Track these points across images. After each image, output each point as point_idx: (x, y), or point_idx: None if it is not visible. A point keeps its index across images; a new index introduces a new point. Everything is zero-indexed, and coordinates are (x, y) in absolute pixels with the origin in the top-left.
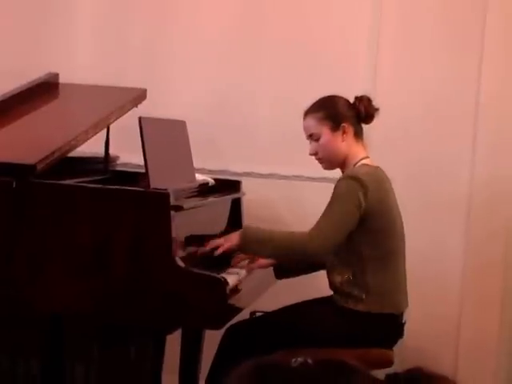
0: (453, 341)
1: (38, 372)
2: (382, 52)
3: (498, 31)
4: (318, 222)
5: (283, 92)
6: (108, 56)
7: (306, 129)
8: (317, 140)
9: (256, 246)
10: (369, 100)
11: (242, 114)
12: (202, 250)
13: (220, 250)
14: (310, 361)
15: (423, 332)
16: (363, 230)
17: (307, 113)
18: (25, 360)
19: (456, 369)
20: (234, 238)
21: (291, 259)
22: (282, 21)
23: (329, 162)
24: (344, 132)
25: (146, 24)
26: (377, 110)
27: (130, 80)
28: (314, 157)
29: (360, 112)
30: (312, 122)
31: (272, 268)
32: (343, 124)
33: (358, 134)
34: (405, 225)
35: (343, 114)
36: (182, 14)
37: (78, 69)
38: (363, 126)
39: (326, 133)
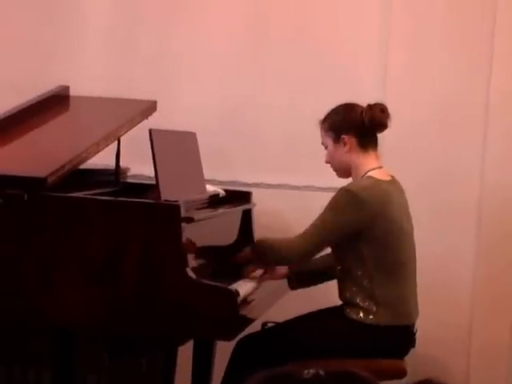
0: (464, 348)
1: (48, 382)
2: (391, 56)
3: (509, 32)
4: (306, 230)
5: (293, 101)
6: (118, 68)
7: (321, 137)
8: (326, 149)
9: (262, 256)
10: (382, 109)
11: (251, 125)
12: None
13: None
14: (322, 372)
15: (434, 340)
16: (368, 243)
17: (321, 122)
18: (36, 370)
19: (468, 376)
20: (247, 253)
21: (277, 264)
22: (290, 29)
23: (337, 170)
24: (344, 144)
25: (155, 36)
26: (389, 118)
27: (140, 92)
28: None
29: (364, 122)
30: (322, 131)
31: (286, 279)
32: (342, 136)
33: (367, 144)
34: (416, 232)
35: (345, 126)
36: (191, 25)
37: (88, 81)
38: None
39: (330, 144)
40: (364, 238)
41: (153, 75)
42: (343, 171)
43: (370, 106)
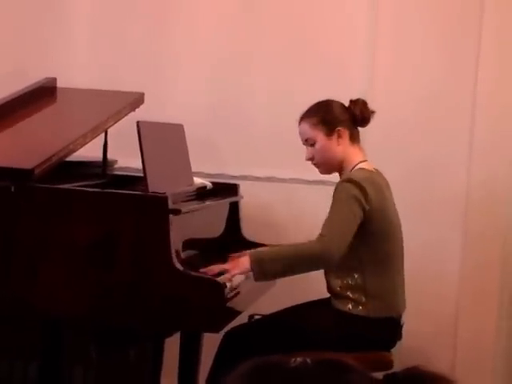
0: (450, 340)
1: (36, 375)
2: (378, 53)
3: (495, 28)
4: (326, 227)
5: (281, 95)
6: (105, 60)
7: (301, 134)
8: (312, 145)
9: (270, 266)
10: (364, 103)
11: (239, 117)
12: (209, 271)
13: (229, 276)
14: (309, 360)
15: (421, 332)
16: (362, 233)
17: (302, 118)
18: (23, 363)
19: (454, 367)
20: (243, 264)
21: (309, 270)
22: (279, 23)
23: (325, 166)
24: (339, 136)
25: (142, 28)
26: (373, 112)
27: (128, 84)
28: (310, 162)
29: (355, 115)
30: (307, 127)
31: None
32: (338, 128)
33: (354, 138)
34: (402, 225)
35: (338, 118)
36: (179, 17)
37: (75, 73)
38: (359, 129)
39: (320, 138)
40: (360, 228)
41: (140, 67)
42: (330, 166)
43: (354, 101)
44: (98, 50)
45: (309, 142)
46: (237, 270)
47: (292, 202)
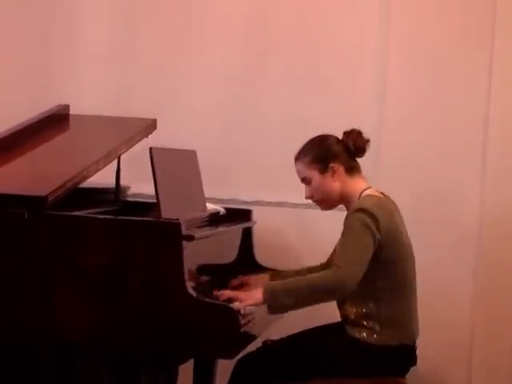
0: (465, 364)
1: None
2: (390, 71)
3: (508, 45)
4: (340, 257)
5: (293, 119)
6: (117, 86)
7: (298, 173)
8: (309, 183)
9: (283, 299)
10: (358, 133)
11: (251, 143)
12: (221, 296)
13: (241, 306)
14: None
15: (435, 357)
16: (376, 261)
17: (296, 158)
18: None
19: None
20: (257, 296)
21: (323, 301)
22: (290, 45)
23: (325, 203)
24: (334, 172)
25: (154, 53)
26: (367, 141)
27: (140, 109)
28: (310, 200)
29: (349, 148)
30: (301, 166)
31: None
32: (331, 165)
33: (353, 169)
34: (414, 248)
35: (331, 154)
36: (189, 42)
37: (88, 100)
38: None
39: (315, 176)
40: (374, 256)
41: (153, 93)
42: (332, 201)
43: (347, 133)
44: (110, 76)
45: (306, 181)
46: (250, 301)
47: (305, 227)
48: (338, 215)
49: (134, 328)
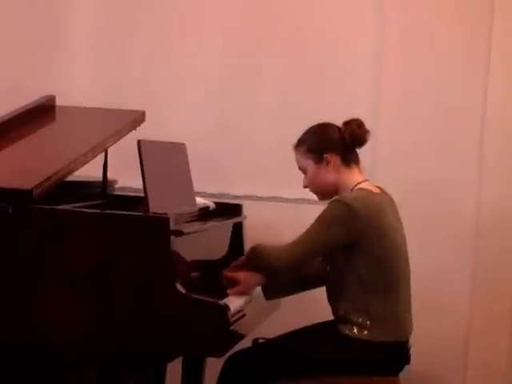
0: (460, 362)
1: None
2: (385, 66)
3: (504, 43)
4: (298, 239)
5: (285, 112)
6: (106, 77)
7: (296, 162)
8: (306, 173)
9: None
10: (358, 124)
11: (242, 136)
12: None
13: (240, 289)
14: None
15: (430, 356)
16: (363, 256)
17: (294, 147)
18: None
19: None
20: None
21: (266, 272)
22: (283, 38)
23: (320, 193)
24: (328, 162)
25: (144, 44)
26: (367, 132)
27: (129, 102)
28: (307, 189)
29: (345, 138)
30: (298, 156)
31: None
32: (325, 155)
33: (349, 160)
34: (411, 247)
35: (326, 145)
36: (181, 33)
37: (75, 91)
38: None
39: (310, 166)
40: (359, 252)
41: (141, 85)
42: (327, 192)
43: (346, 123)
44: (98, 67)
45: (302, 170)
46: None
47: (297, 222)
48: None
49: (121, 326)
